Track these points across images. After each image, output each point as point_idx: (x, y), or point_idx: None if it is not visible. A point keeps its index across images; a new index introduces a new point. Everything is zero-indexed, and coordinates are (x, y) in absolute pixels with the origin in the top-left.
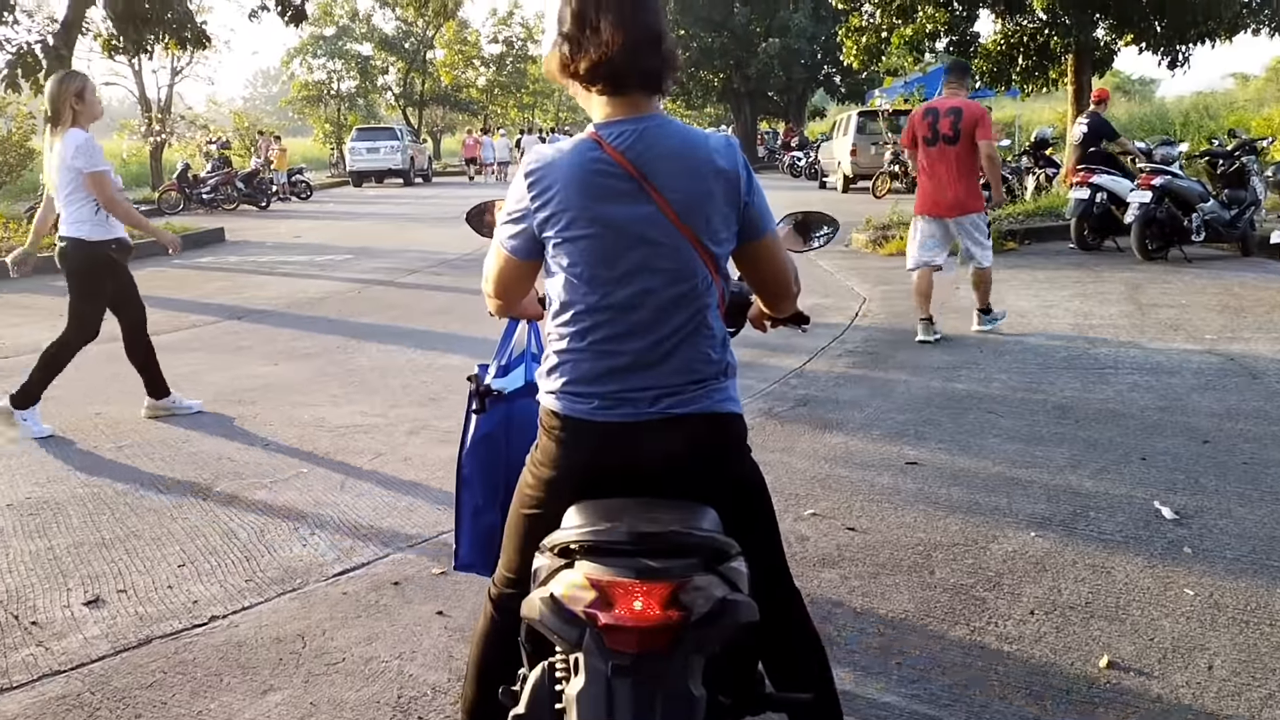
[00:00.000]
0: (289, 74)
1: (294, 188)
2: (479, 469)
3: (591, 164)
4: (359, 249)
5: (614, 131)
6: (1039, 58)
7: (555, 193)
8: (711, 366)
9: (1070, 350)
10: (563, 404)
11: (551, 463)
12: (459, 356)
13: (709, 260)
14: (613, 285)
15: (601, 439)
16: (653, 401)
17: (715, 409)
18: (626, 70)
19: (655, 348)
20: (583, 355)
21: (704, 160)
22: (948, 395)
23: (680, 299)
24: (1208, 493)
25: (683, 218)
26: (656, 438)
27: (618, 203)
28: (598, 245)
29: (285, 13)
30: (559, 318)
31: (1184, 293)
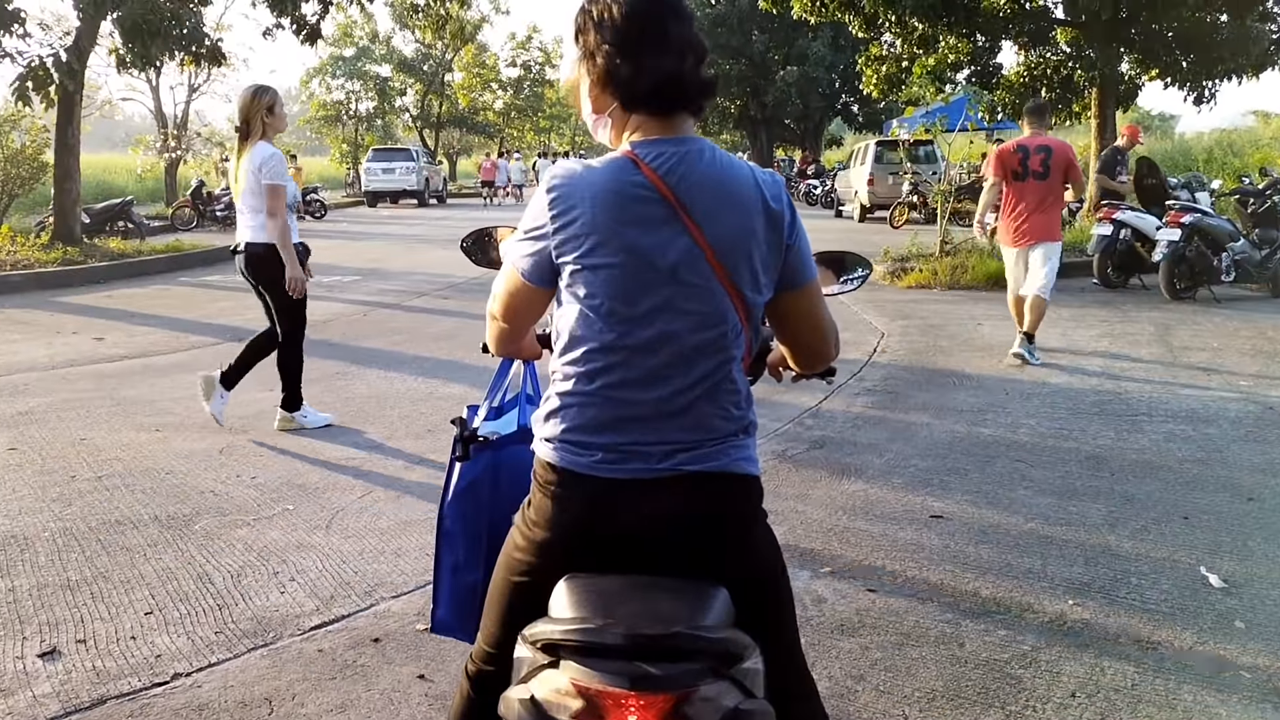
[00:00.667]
0: (308, 94)
1: (308, 207)
2: (461, 522)
3: (626, 185)
4: (368, 270)
5: (652, 151)
6: (1062, 90)
7: (580, 213)
8: (732, 424)
9: (1101, 394)
10: (561, 455)
11: (545, 522)
12: (460, 386)
13: (741, 307)
14: (632, 324)
15: (604, 497)
16: (664, 457)
17: (732, 468)
18: (684, 88)
19: (672, 399)
20: (589, 400)
21: (749, 194)
22: (973, 441)
23: (705, 347)
24: (1256, 558)
25: (719, 256)
26: (665, 497)
27: (650, 231)
28: (621, 277)
29: (300, 31)
30: (566, 355)
31: (1216, 335)
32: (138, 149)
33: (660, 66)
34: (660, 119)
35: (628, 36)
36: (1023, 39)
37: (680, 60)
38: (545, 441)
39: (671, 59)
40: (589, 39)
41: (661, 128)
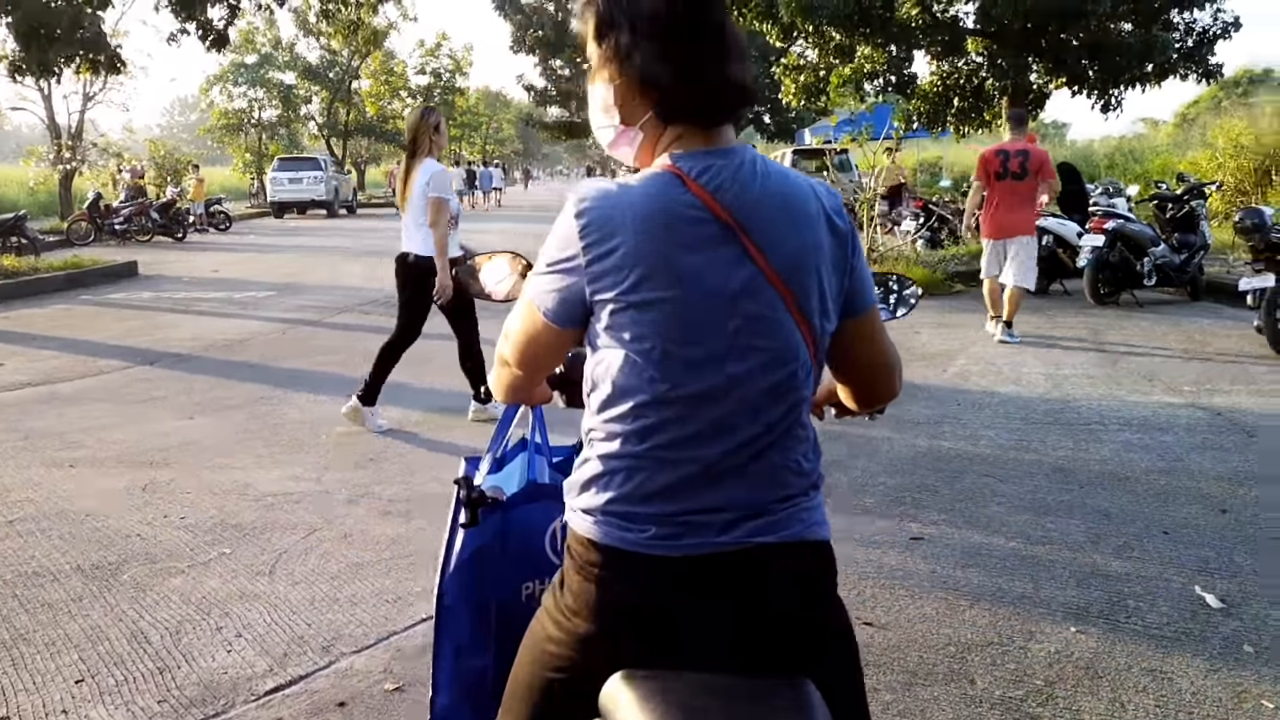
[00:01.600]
0: (208, 102)
1: (212, 219)
2: (465, 597)
3: (675, 205)
4: (282, 285)
5: (698, 165)
6: (974, 99)
7: (621, 240)
8: (803, 479)
9: (1051, 403)
10: (605, 530)
11: (587, 611)
12: (398, 408)
13: (811, 339)
14: (692, 368)
15: (658, 580)
16: (726, 527)
17: (808, 535)
18: (734, 94)
19: (737, 453)
20: (639, 463)
21: (813, 210)
22: (936, 455)
23: (777, 389)
24: (1246, 574)
25: (786, 281)
26: (733, 578)
27: (707, 257)
28: (676, 313)
29: (206, 37)
30: (609, 410)
31: (1146, 339)
32: (29, 161)
33: (722, 70)
34: (704, 129)
35: (677, 31)
36: (935, 49)
37: (741, 61)
38: (584, 514)
39: (735, 62)
40: (619, 37)
41: (704, 138)
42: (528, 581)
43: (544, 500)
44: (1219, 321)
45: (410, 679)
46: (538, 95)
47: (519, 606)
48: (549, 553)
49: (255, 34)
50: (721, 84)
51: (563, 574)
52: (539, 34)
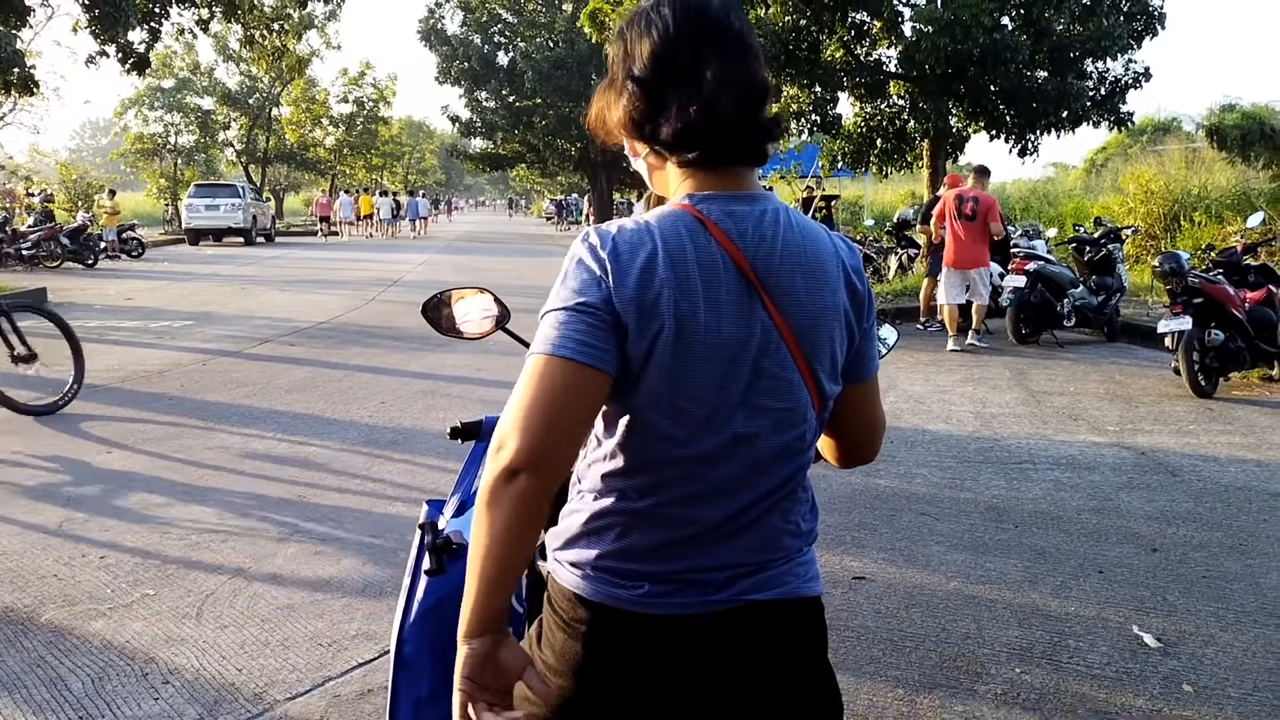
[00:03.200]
0: (122, 126)
1: (124, 245)
2: (427, 647)
3: (699, 250)
4: (200, 314)
5: (720, 211)
6: (897, 140)
7: (635, 283)
8: (799, 539)
9: (980, 442)
10: (594, 587)
11: (571, 673)
12: (326, 443)
13: (818, 401)
14: (702, 426)
15: (652, 640)
16: (723, 585)
17: (803, 592)
18: (733, 136)
19: (740, 515)
20: (638, 520)
21: (832, 269)
22: (873, 493)
23: (784, 451)
24: (1180, 613)
25: (800, 340)
26: (728, 635)
27: (727, 311)
28: (687, 366)
29: (126, 60)
30: (609, 464)
31: (1069, 379)
32: None
33: (684, 111)
34: (716, 172)
35: (667, 59)
36: (859, 91)
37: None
38: (571, 567)
39: (722, 97)
40: (618, 69)
41: (720, 180)
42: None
43: None
44: (1136, 362)
45: None
46: (462, 126)
47: None
48: (514, 602)
49: (173, 58)
50: (704, 125)
51: (540, 629)
52: (465, 65)
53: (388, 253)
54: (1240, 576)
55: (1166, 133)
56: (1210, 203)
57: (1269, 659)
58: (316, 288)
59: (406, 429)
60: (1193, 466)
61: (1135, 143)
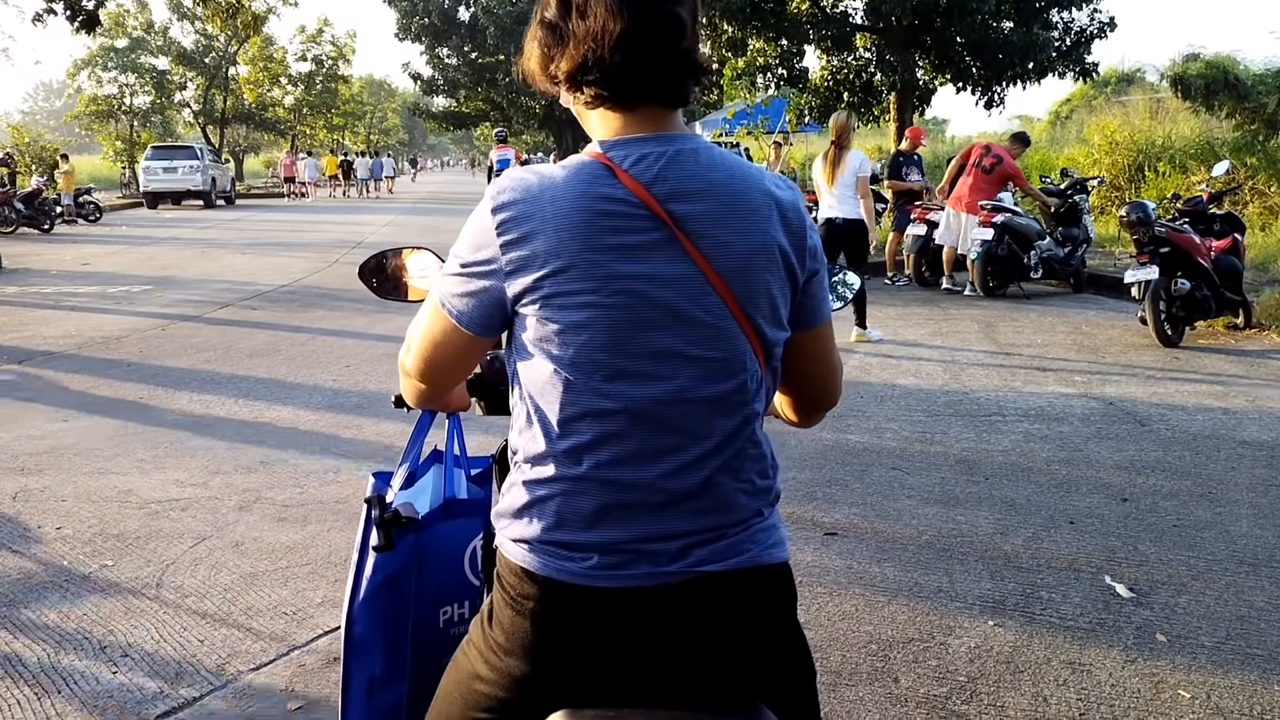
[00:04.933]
0: (75, 87)
1: (81, 209)
2: (378, 625)
3: (601, 198)
4: (159, 279)
5: (630, 154)
6: (864, 94)
7: (544, 238)
8: (756, 499)
9: (950, 394)
10: (541, 560)
11: (522, 650)
12: (289, 408)
13: (760, 349)
14: (626, 380)
15: (603, 615)
16: (676, 556)
17: (763, 559)
18: (626, 74)
19: (684, 474)
20: (576, 486)
21: (761, 204)
22: (844, 449)
23: (722, 402)
24: (1152, 563)
25: (730, 284)
26: (682, 609)
27: (638, 258)
28: (606, 319)
29: (75, 18)
30: (537, 428)
31: (1036, 330)
32: None
33: (590, 43)
34: (624, 112)
35: (559, 8)
36: (825, 43)
37: (624, 35)
38: (518, 543)
39: (608, 33)
40: (538, 14)
41: (636, 122)
42: (446, 606)
43: (461, 517)
44: (1103, 313)
45: (314, 697)
46: (424, 84)
47: (437, 634)
48: (468, 574)
49: (126, 17)
50: (591, 60)
51: (491, 605)
52: (425, 21)
53: (351, 214)
54: (1210, 525)
55: (1130, 83)
56: (1174, 153)
57: (1240, 607)
58: (278, 250)
59: (371, 393)
60: (1161, 415)
61: (1099, 94)
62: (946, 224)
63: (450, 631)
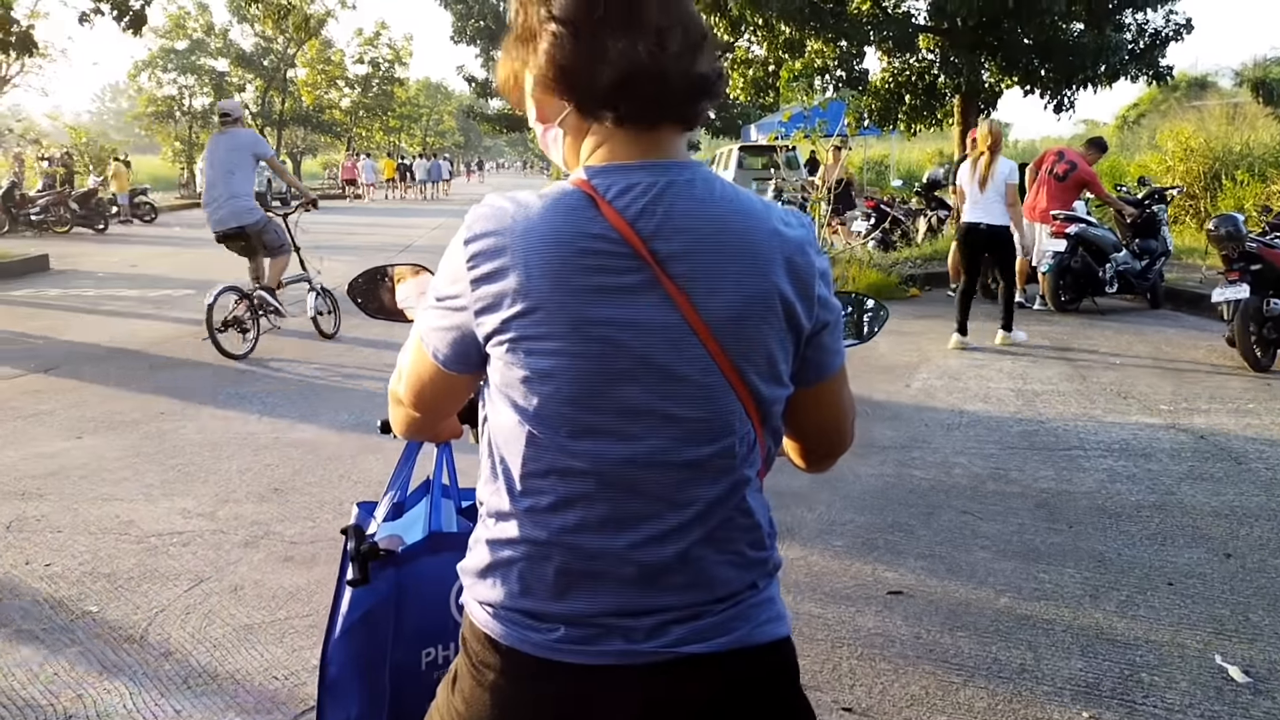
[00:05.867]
0: (136, 88)
1: (136, 210)
2: (355, 667)
3: (579, 235)
4: (202, 282)
5: (616, 182)
6: (927, 97)
7: (514, 275)
8: (748, 572)
9: (1024, 424)
10: (505, 629)
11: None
12: (312, 428)
13: (754, 408)
14: (596, 437)
15: (569, 692)
16: (652, 633)
17: (754, 639)
18: (673, 91)
19: (657, 545)
20: (539, 551)
21: (763, 246)
22: (908, 487)
23: (703, 468)
24: (1267, 637)
25: (719, 336)
26: (660, 691)
27: (616, 303)
28: (578, 370)
29: (123, 18)
30: (500, 483)
31: (1114, 351)
32: None
33: (631, 51)
34: (633, 132)
35: (584, 6)
36: (886, 45)
37: (662, 42)
38: (483, 606)
39: (649, 40)
40: (530, 12)
41: (634, 146)
42: (429, 647)
43: (447, 552)
44: (1184, 331)
45: None
46: (478, 87)
47: (418, 676)
48: (454, 612)
49: (186, 19)
50: (632, 72)
51: (455, 670)
52: (480, 24)
53: (404, 216)
54: None
55: (1204, 88)
56: (1254, 160)
57: None
58: (326, 253)
59: None
60: (1259, 452)
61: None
62: (1018, 234)
63: (434, 674)
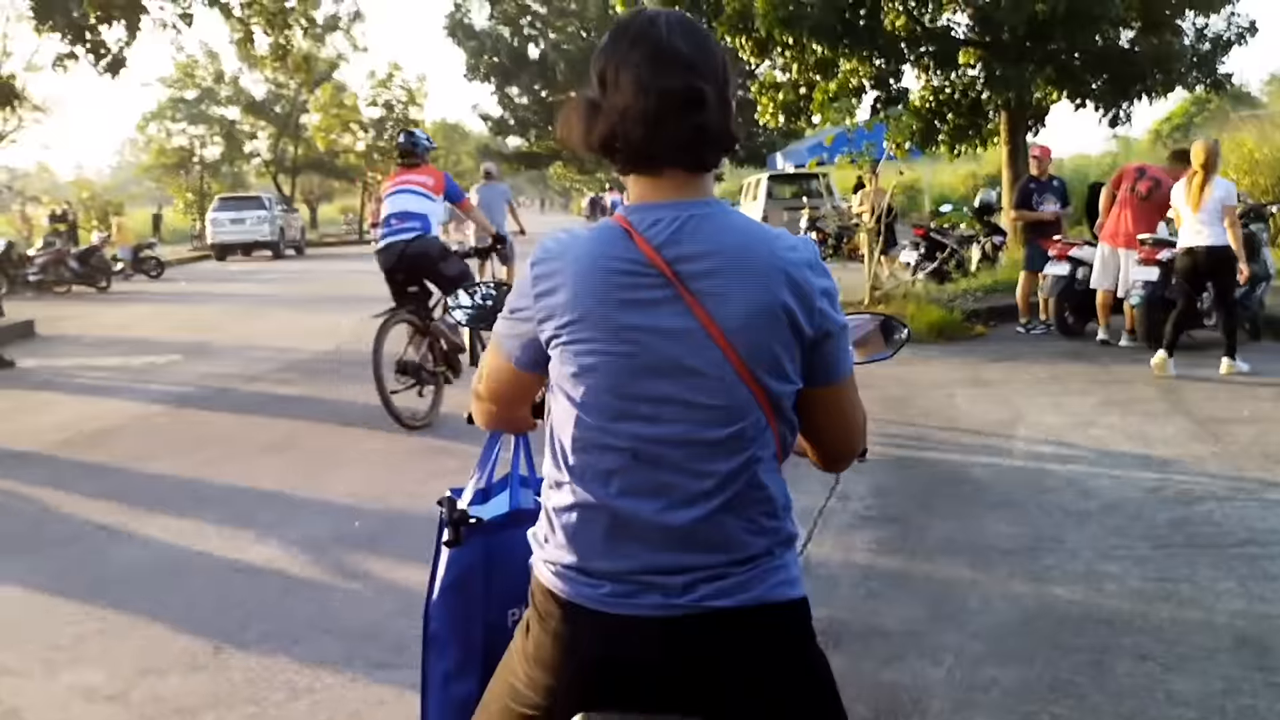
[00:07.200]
0: (146, 139)
1: (141, 264)
2: (451, 623)
3: (614, 259)
4: (194, 345)
5: (647, 218)
6: (971, 115)
7: (565, 291)
8: (764, 538)
9: (1170, 508)
10: (564, 585)
11: (548, 665)
12: (280, 543)
13: (764, 399)
14: (633, 421)
15: (618, 638)
16: (684, 589)
17: (770, 598)
18: (641, 144)
19: (682, 509)
20: (589, 515)
21: (767, 265)
22: (1056, 616)
23: (721, 446)
24: None
25: (732, 339)
26: (692, 639)
27: (645, 313)
28: (615, 366)
29: (100, 60)
30: (556, 459)
31: (1236, 398)
32: None
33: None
34: (651, 178)
35: (600, 76)
36: (925, 61)
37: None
38: (546, 564)
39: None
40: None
41: (659, 188)
42: (514, 608)
43: (527, 525)
44: None
45: None
46: (494, 125)
47: (506, 632)
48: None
49: (194, 67)
50: (613, 132)
51: (529, 623)
52: (494, 60)
53: None
54: None
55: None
56: None
57: None
58: (334, 306)
59: (395, 512)
60: None
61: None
62: (1102, 262)
63: None
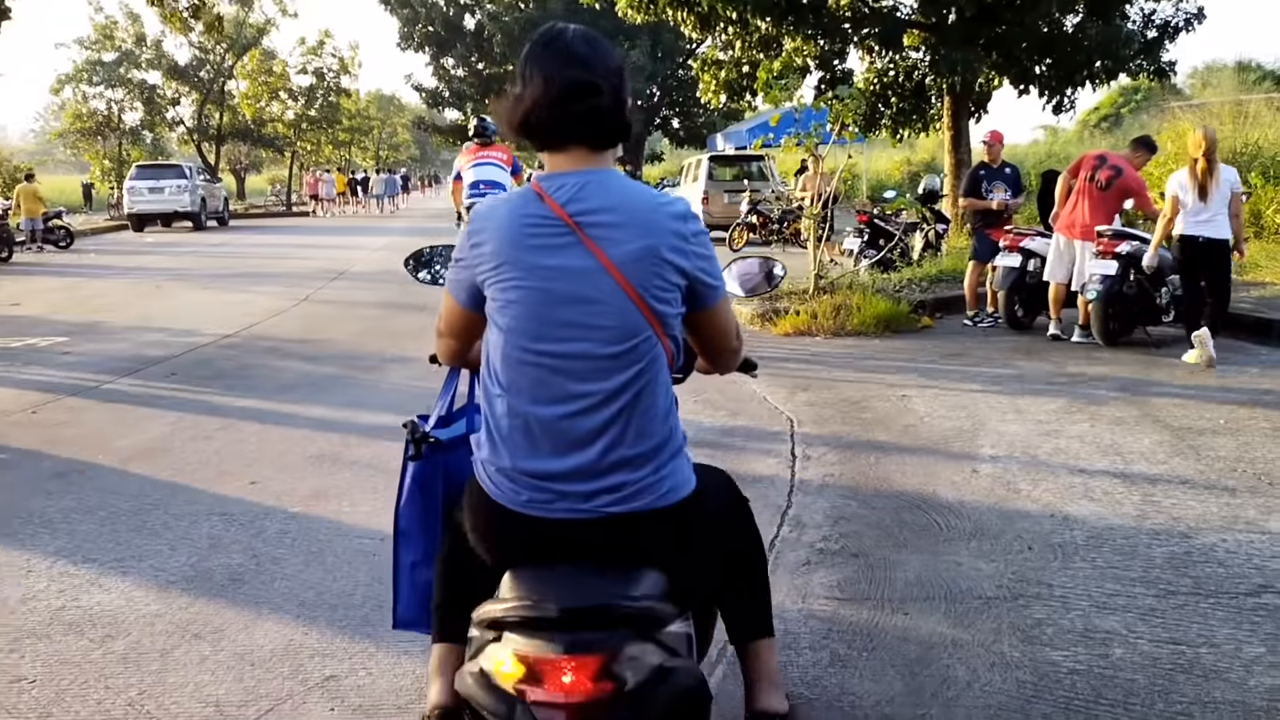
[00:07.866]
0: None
1: (50, 234)
2: (416, 521)
3: (528, 215)
4: (84, 325)
5: (555, 184)
6: (915, 99)
7: (493, 243)
8: (651, 441)
9: (1164, 543)
10: (493, 488)
11: (483, 544)
12: (127, 580)
13: (654, 319)
14: (545, 340)
15: (535, 534)
16: (588, 497)
17: (662, 504)
18: (550, 124)
19: (589, 414)
20: (515, 423)
21: (648, 214)
22: (1057, 694)
23: (618, 358)
24: None
25: (624, 272)
26: (597, 536)
27: (552, 254)
28: (533, 298)
29: None
30: (490, 376)
31: (1202, 401)
32: None
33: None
34: (559, 154)
35: (520, 72)
36: (869, 42)
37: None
38: (481, 464)
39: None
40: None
41: (564, 161)
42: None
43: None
44: (1268, 369)
45: None
46: (429, 96)
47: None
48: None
49: (114, 29)
50: (527, 116)
51: (467, 499)
52: (429, 29)
53: (348, 235)
54: None
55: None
56: (1265, 162)
57: None
58: (248, 282)
59: (267, 548)
60: None
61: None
62: (1056, 254)
63: None
